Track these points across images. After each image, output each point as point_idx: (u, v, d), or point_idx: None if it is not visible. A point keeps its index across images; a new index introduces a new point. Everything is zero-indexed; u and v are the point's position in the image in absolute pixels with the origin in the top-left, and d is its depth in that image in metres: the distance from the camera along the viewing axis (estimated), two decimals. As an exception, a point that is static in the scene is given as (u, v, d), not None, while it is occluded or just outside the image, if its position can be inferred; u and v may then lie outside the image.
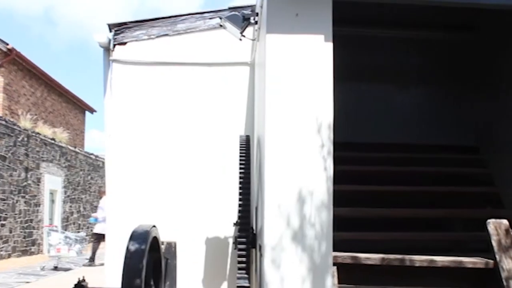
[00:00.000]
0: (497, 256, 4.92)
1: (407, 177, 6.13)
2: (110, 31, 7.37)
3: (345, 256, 4.74)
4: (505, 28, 5.88)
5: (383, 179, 6.05)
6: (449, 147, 6.48)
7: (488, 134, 6.23)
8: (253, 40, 6.39)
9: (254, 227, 5.75)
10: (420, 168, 6.20)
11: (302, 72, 4.44)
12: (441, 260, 4.96)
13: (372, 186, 5.96)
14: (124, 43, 7.31)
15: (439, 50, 6.70)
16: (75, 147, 23.06)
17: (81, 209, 23.15)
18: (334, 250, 4.44)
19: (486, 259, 5.02)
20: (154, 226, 4.48)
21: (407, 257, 4.87)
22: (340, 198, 4.69)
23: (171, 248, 5.72)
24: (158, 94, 7.35)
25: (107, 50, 7.40)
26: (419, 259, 4.89)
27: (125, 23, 7.34)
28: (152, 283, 4.55)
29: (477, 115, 6.41)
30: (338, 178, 4.59)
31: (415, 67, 6.65)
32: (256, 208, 5.51)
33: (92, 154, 24.81)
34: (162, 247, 5.18)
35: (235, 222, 6.00)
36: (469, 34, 6.62)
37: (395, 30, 6.45)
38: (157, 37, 7.33)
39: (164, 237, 5.12)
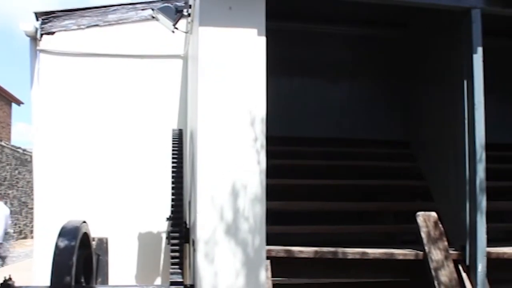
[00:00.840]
0: (426, 248, 5.04)
1: (339, 171, 6.19)
2: (37, 20, 7.13)
3: (278, 249, 4.74)
4: (431, 25, 6.01)
5: (316, 173, 6.09)
6: (381, 141, 6.59)
7: (417, 129, 6.36)
8: (186, 32, 6.31)
9: (187, 222, 5.70)
10: (352, 162, 6.27)
11: (235, 65, 4.41)
12: (373, 252, 5.02)
13: (306, 180, 5.99)
14: (52, 33, 7.08)
15: (372, 47, 6.78)
16: (0, 141, 22.28)
17: (8, 205, 22.43)
18: (268, 244, 4.45)
19: (416, 251, 5.13)
20: (84, 222, 4.39)
21: (340, 249, 4.91)
22: (273, 191, 4.69)
23: (103, 244, 5.63)
24: (88, 86, 7.17)
25: (34, 39, 7.16)
26: (352, 252, 4.95)
27: (53, 12, 7.11)
28: (82, 280, 4.45)
29: (407, 111, 6.53)
30: (272, 172, 4.59)
31: (349, 63, 6.71)
32: (190, 203, 5.46)
33: (19, 148, 24.05)
34: (93, 243, 5.08)
35: (168, 217, 5.93)
36: (399, 31, 6.73)
37: (329, 25, 6.50)
38: (87, 27, 7.14)
39: (95, 233, 5.01)
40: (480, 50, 5.17)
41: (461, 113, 5.23)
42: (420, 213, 5.15)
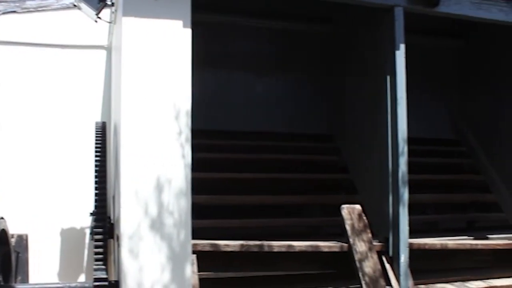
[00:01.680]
0: (350, 240, 5.12)
1: (266, 164, 6.22)
2: None
3: (204, 243, 4.70)
4: (356, 21, 6.10)
5: (242, 166, 6.09)
6: (306, 135, 6.64)
7: (342, 123, 6.45)
8: (110, 22, 6.16)
9: (111, 217, 5.59)
10: (278, 155, 6.30)
11: (159, 57, 4.33)
12: (299, 245, 5.06)
13: (232, 173, 5.98)
14: (-36, 19, 6.75)
15: (298, 41, 6.82)
16: None
17: None
18: (194, 238, 4.41)
19: (341, 243, 5.20)
20: (2, 218, 4.24)
21: (265, 243, 4.92)
22: (199, 185, 4.66)
23: (22, 241, 5.47)
24: (4, 76, 6.87)
25: None
26: (278, 245, 4.96)
27: (-36, -3, 6.77)
28: (0, 278, 4.30)
29: (332, 105, 6.60)
30: (198, 165, 4.55)
31: (275, 57, 6.72)
32: (114, 197, 5.34)
33: None
34: (12, 240, 4.93)
35: (91, 212, 5.80)
36: (325, 26, 6.80)
37: (256, 19, 6.50)
38: (3, 13, 6.82)
39: (14, 229, 4.84)
40: (402, 47, 5.29)
41: (384, 107, 5.34)
42: (344, 206, 5.22)
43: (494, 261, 6.30)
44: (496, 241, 6.20)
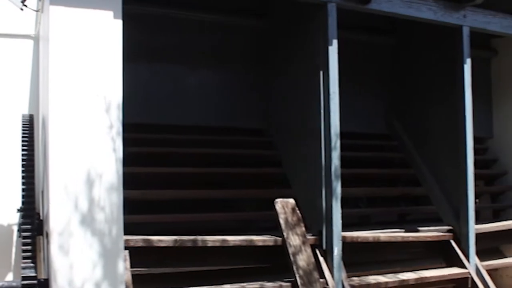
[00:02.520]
0: (284, 234, 5.15)
1: (200, 158, 6.16)
2: None
3: (137, 239, 4.62)
4: (291, 16, 6.11)
5: (176, 160, 6.01)
6: (240, 129, 6.60)
7: (276, 117, 6.45)
8: (37, 11, 5.96)
9: (40, 213, 5.43)
10: (212, 149, 6.24)
11: (89, 49, 4.22)
12: (233, 239, 5.05)
13: (165, 168, 5.89)
14: None
15: (234, 34, 6.74)
16: None
17: None
18: (126, 234, 4.34)
19: (275, 237, 5.23)
20: None
21: (199, 238, 4.88)
22: (132, 180, 4.58)
23: None
24: None
25: None
26: (212, 239, 4.94)
27: None
28: None
29: (266, 99, 6.58)
30: (130, 160, 4.48)
31: (211, 50, 6.63)
32: (42, 192, 5.19)
33: None
34: None
35: (19, 208, 5.62)
36: (261, 20, 6.77)
37: (192, 12, 6.40)
38: None
39: None
40: (335, 42, 5.37)
41: (317, 102, 5.39)
42: (278, 200, 5.25)
43: (425, 252, 6.50)
44: (426, 233, 6.37)
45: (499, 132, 8.28)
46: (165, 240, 4.76)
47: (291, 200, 5.30)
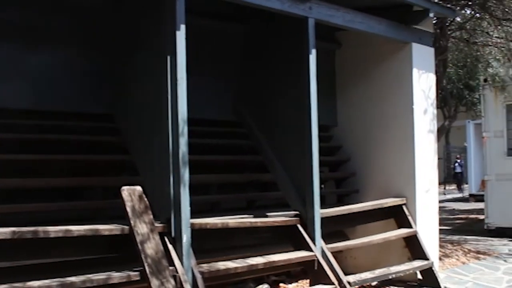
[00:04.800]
0: (131, 222, 5.05)
1: (43, 145, 5.84)
2: None
3: (-31, 233, 4.32)
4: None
5: (17, 147, 5.66)
6: (86, 114, 6.33)
7: (122, 103, 6.24)
8: None
9: None
10: (57, 135, 5.93)
11: None
12: (77, 229, 4.85)
13: (5, 155, 5.52)
14: None
15: (80, 14, 6.37)
16: None
17: None
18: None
19: (122, 226, 5.10)
20: None
21: (40, 228, 4.64)
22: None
23: None
24: None
25: None
26: (54, 230, 4.72)
27: None
28: None
29: (112, 84, 6.34)
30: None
31: (54, 31, 6.21)
32: None
33: None
34: None
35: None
36: (109, 2, 6.49)
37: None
38: None
39: None
40: (183, 27, 5.30)
41: (165, 88, 5.32)
42: (125, 188, 5.12)
43: (273, 237, 6.68)
44: (274, 218, 6.53)
45: (342, 121, 8.68)
46: (2, 232, 4.46)
47: (138, 188, 5.19)
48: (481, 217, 14.09)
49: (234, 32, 7.68)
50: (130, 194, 5.13)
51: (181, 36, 5.28)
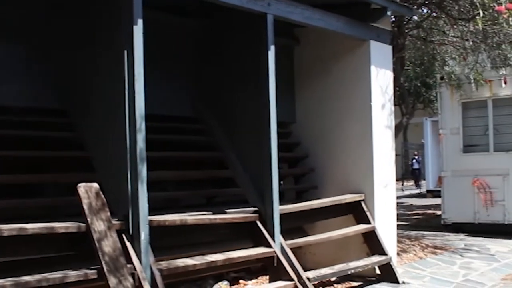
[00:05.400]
0: (88, 219, 4.98)
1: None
2: None
3: None
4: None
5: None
6: (38, 109, 6.16)
7: (78, 98, 6.10)
8: None
9: None
10: (4, 131, 5.73)
11: None
12: (32, 227, 4.77)
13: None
14: None
15: (40, 7, 6.17)
16: None
17: None
18: None
19: (78, 223, 5.02)
20: None
21: (-7, 227, 4.54)
22: None
23: None
24: None
25: None
26: (8, 228, 4.62)
27: None
28: None
29: (67, 78, 6.19)
30: None
31: (7, 21, 6.01)
32: None
33: None
34: None
35: None
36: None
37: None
38: None
39: None
40: (140, 22, 5.24)
41: (122, 83, 5.25)
42: (81, 185, 5.04)
43: (232, 234, 6.67)
44: (233, 215, 6.53)
45: (301, 117, 8.72)
46: (-49, 231, 4.37)
47: (95, 184, 5.12)
48: (438, 212, 14.34)
49: (193, 28, 7.64)
50: (87, 191, 5.05)
51: (138, 30, 5.21)
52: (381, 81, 8.13)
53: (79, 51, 5.98)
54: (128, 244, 5.23)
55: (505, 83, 11.98)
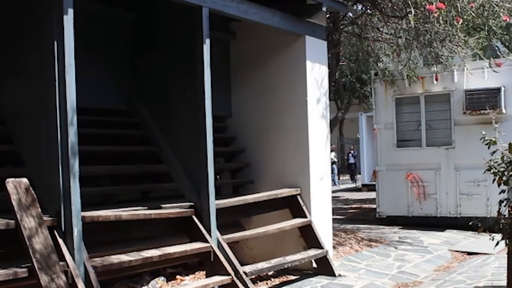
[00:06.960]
0: (18, 216, 4.82)
1: None
2: None
3: None
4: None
5: None
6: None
7: (7, 89, 5.82)
8: None
9: None
10: None
11: None
12: (-43, 225, 4.59)
13: None
14: None
15: None
16: None
17: None
18: None
19: (7, 220, 4.86)
20: None
21: None
22: None
23: None
24: None
25: None
26: None
27: None
28: None
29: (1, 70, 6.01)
30: None
31: None
32: None
33: None
34: None
35: None
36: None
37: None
38: None
39: None
40: (71, 12, 5.08)
41: (52, 75, 5.09)
42: (10, 180, 4.87)
43: (168, 229, 6.61)
44: (169, 210, 6.46)
45: (237, 111, 8.71)
46: None
47: (24, 180, 4.95)
48: (373, 206, 14.60)
49: (128, 19, 7.51)
50: (16, 186, 4.88)
51: (69, 20, 5.05)
52: (317, 76, 8.20)
53: (10, 39, 5.78)
54: (60, 241, 5.10)
55: (436, 79, 12.29)
